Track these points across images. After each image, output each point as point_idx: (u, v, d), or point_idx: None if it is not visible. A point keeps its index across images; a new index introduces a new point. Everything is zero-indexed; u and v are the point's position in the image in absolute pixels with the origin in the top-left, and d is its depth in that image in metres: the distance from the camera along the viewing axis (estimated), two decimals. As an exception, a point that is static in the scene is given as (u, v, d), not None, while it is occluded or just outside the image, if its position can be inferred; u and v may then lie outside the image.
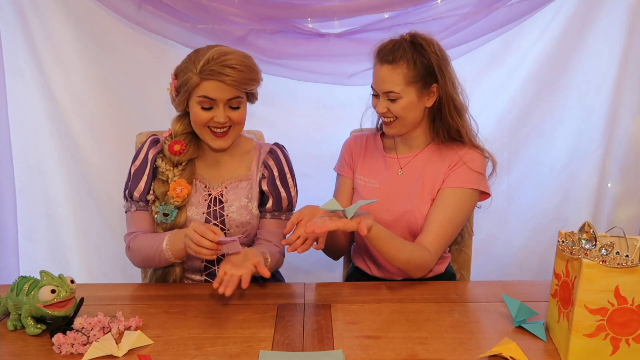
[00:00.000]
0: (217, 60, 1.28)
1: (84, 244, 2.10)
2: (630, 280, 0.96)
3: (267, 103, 1.95)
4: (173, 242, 1.31)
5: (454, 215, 1.39)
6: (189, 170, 1.41)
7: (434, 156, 1.46)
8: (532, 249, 2.13)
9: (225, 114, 1.33)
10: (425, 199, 1.43)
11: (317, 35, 1.88)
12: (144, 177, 1.41)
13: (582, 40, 1.92)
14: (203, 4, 1.79)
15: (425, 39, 1.39)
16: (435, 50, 1.39)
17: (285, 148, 1.52)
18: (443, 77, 1.39)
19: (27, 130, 1.97)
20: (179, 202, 1.38)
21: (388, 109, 1.40)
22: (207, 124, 1.34)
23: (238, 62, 1.29)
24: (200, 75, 1.29)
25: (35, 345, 1.10)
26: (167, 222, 1.38)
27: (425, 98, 1.41)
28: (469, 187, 1.40)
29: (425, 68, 1.37)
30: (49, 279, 1.12)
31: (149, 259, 1.37)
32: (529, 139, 2.03)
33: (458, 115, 1.42)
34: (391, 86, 1.37)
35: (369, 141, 1.57)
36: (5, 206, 1.94)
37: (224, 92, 1.31)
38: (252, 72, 1.32)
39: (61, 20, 1.87)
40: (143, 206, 1.43)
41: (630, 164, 2.04)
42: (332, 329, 1.15)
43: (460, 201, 1.40)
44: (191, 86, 1.32)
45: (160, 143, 1.45)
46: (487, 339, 1.11)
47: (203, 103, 1.32)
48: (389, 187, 1.48)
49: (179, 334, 1.13)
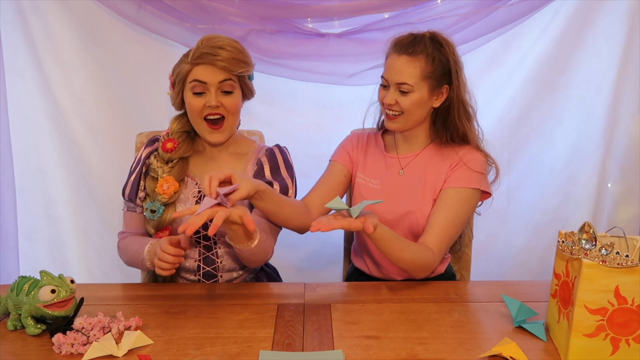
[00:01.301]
0: (207, 44, 1.31)
1: (84, 244, 2.10)
2: (630, 280, 0.96)
3: (267, 103, 1.95)
4: (151, 253, 1.34)
5: (456, 216, 1.39)
6: (179, 168, 1.42)
7: (435, 156, 1.46)
8: (532, 249, 2.14)
9: (217, 98, 1.34)
10: (427, 199, 1.43)
11: (317, 35, 1.88)
12: (133, 176, 1.44)
13: (582, 40, 1.93)
14: (203, 4, 1.79)
15: (445, 40, 1.40)
16: (453, 51, 1.39)
17: (286, 149, 1.50)
18: (457, 79, 1.39)
19: (27, 130, 1.97)
20: (166, 199, 1.38)
21: (396, 101, 1.39)
22: (201, 112, 1.35)
23: (226, 43, 1.32)
24: (191, 62, 1.32)
25: (35, 345, 1.09)
26: (154, 218, 1.39)
27: (434, 98, 1.41)
28: (471, 187, 1.40)
29: (442, 67, 1.38)
30: (49, 279, 1.11)
31: (133, 264, 1.43)
32: (529, 139, 2.03)
33: (467, 119, 1.42)
34: (406, 78, 1.36)
35: (370, 140, 1.57)
36: (5, 206, 1.94)
37: (215, 75, 1.32)
38: (241, 54, 1.34)
39: (61, 20, 1.87)
40: (132, 207, 1.46)
41: (630, 164, 2.04)
42: (332, 329, 1.15)
43: (462, 201, 1.40)
44: (183, 74, 1.34)
45: (158, 142, 1.46)
46: (487, 339, 1.11)
47: (195, 88, 1.34)
48: (390, 187, 1.47)
49: (179, 334, 1.13)
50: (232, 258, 1.45)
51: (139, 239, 1.41)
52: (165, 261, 1.24)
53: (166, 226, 1.40)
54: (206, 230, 1.37)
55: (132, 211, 1.46)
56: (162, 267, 1.25)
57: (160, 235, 1.40)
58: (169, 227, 1.41)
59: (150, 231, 1.41)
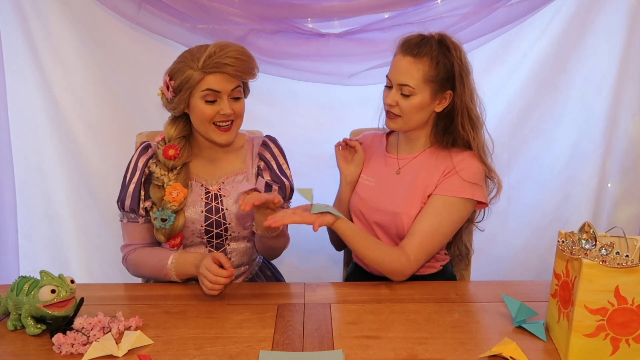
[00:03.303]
0: (219, 54, 1.30)
1: (84, 244, 2.10)
2: (630, 280, 0.96)
3: (267, 103, 1.95)
4: (179, 266, 1.35)
5: (440, 225, 1.36)
6: (184, 174, 1.41)
7: (430, 160, 1.43)
8: (532, 249, 2.13)
9: (230, 105, 1.34)
10: (415, 203, 1.40)
11: (317, 35, 1.88)
12: (131, 186, 1.41)
13: (582, 40, 1.92)
14: (203, 4, 1.79)
15: (453, 43, 1.37)
16: (460, 56, 1.36)
17: (277, 139, 1.54)
18: (462, 85, 1.36)
19: (27, 130, 1.97)
20: (176, 207, 1.38)
21: (397, 103, 1.38)
22: (212, 119, 1.35)
23: (238, 52, 1.32)
24: (203, 70, 1.31)
25: (35, 345, 1.10)
26: (166, 227, 1.38)
27: (437, 102, 1.39)
28: (461, 197, 1.36)
29: (447, 71, 1.35)
30: (49, 279, 1.12)
31: (147, 273, 1.43)
32: (529, 139, 2.03)
33: (471, 127, 1.39)
34: (408, 79, 1.35)
35: (375, 140, 1.57)
36: (5, 206, 1.94)
37: (227, 84, 1.33)
38: (251, 61, 1.36)
39: (61, 20, 1.87)
40: (134, 218, 1.43)
41: (630, 164, 2.04)
42: (332, 329, 1.15)
43: (449, 210, 1.36)
44: (193, 83, 1.32)
45: (152, 149, 1.45)
46: (487, 339, 1.11)
47: (207, 97, 1.33)
48: (384, 186, 1.47)
49: (179, 334, 1.13)
50: (240, 254, 1.47)
51: (154, 252, 1.41)
52: (220, 284, 1.26)
53: (177, 234, 1.40)
54: (219, 228, 1.42)
55: (134, 222, 1.43)
56: (215, 289, 1.26)
57: (172, 243, 1.40)
58: (180, 234, 1.41)
59: (161, 239, 1.41)
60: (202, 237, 1.43)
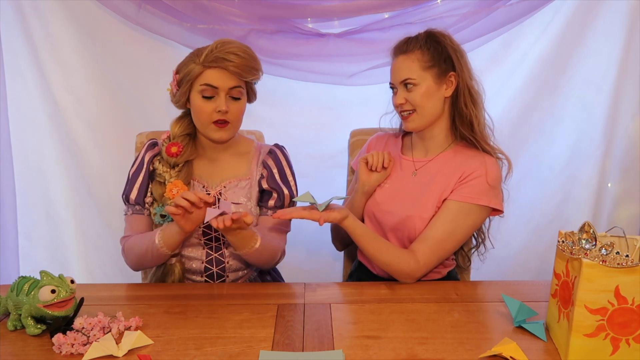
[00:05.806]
0: (220, 49, 1.30)
1: (84, 244, 2.10)
2: (630, 280, 0.96)
3: (267, 103, 1.95)
4: (166, 237, 1.33)
5: (454, 231, 1.35)
6: (186, 172, 1.42)
7: (448, 164, 1.41)
8: (532, 249, 2.14)
9: (227, 103, 1.33)
10: (429, 206, 1.38)
11: (317, 35, 1.88)
12: (139, 180, 1.42)
13: (582, 40, 1.93)
14: (203, 4, 1.79)
15: (440, 32, 1.41)
16: (450, 40, 1.40)
17: (285, 148, 1.51)
18: (460, 63, 1.38)
19: (27, 130, 1.97)
20: None
21: (406, 99, 1.38)
22: (210, 116, 1.34)
23: (241, 50, 1.32)
24: (203, 64, 1.31)
25: (35, 345, 1.09)
26: (165, 223, 1.38)
27: (444, 86, 1.39)
28: (477, 203, 1.35)
29: (440, 54, 1.37)
30: (49, 279, 1.11)
31: (142, 256, 1.38)
32: (529, 138, 2.03)
33: (473, 105, 1.39)
34: (407, 73, 1.37)
35: (389, 140, 1.56)
36: (5, 206, 1.94)
37: (226, 80, 1.32)
38: (253, 61, 1.35)
39: (61, 20, 1.87)
40: (139, 209, 1.43)
41: (630, 164, 2.04)
42: (332, 329, 1.15)
43: (464, 217, 1.35)
44: (193, 76, 1.33)
45: (158, 146, 1.46)
46: (487, 339, 1.11)
47: (205, 92, 1.33)
48: (398, 189, 1.45)
49: (179, 334, 1.13)
50: (238, 258, 1.46)
51: (145, 235, 1.40)
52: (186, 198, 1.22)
53: None
54: (217, 232, 1.41)
55: (139, 214, 1.43)
56: (180, 203, 1.22)
57: None
58: None
59: None
60: (200, 239, 1.43)
